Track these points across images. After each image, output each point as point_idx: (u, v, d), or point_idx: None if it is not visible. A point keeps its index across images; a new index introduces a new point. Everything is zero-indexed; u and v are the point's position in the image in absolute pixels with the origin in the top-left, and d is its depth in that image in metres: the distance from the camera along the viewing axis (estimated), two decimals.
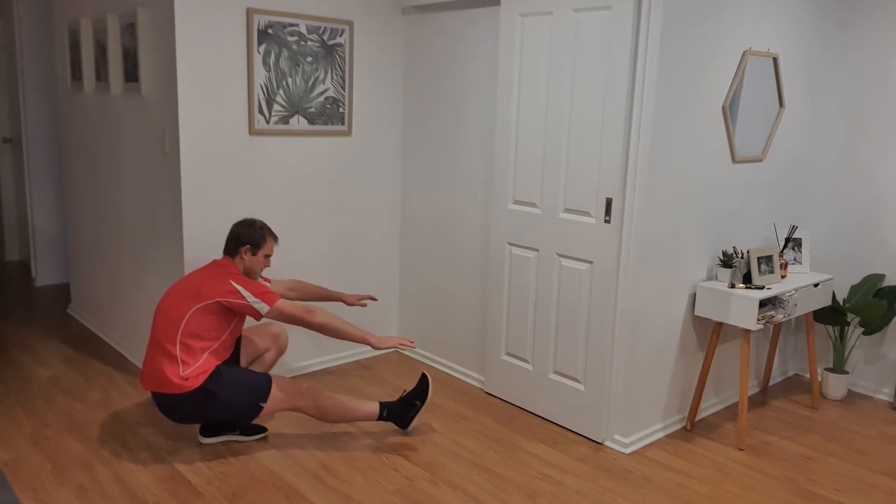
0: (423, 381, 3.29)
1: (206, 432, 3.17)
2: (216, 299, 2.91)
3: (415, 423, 3.28)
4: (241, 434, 3.21)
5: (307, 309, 2.98)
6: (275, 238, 3.13)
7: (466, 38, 3.80)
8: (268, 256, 3.11)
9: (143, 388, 3.02)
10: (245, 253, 3.05)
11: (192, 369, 2.89)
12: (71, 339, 4.46)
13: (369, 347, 4.31)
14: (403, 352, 4.42)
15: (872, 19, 3.84)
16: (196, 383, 2.89)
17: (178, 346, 2.89)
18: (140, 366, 4.01)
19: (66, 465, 2.95)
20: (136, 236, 3.92)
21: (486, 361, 3.84)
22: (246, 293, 2.92)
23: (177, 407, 2.94)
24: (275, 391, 3.00)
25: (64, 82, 4.62)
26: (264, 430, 3.26)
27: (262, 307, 2.94)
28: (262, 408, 2.99)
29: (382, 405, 3.22)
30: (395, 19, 4.08)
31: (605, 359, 3.23)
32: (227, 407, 2.95)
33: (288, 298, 3.36)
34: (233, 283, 2.93)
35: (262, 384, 3.00)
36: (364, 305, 3.56)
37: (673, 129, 3.09)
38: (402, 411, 3.25)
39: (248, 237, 3.05)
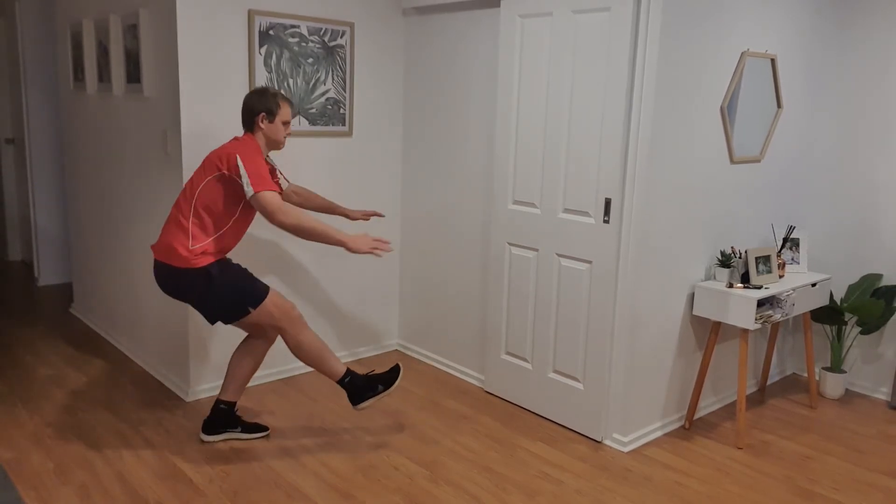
0: (395, 370, 3.20)
1: (207, 430, 3.19)
2: (223, 171, 2.85)
3: (368, 405, 3.13)
4: (242, 432, 3.22)
5: (283, 210, 2.82)
6: (290, 103, 3.03)
7: (466, 39, 3.81)
8: (286, 123, 3.01)
9: (154, 257, 2.98)
10: (262, 121, 2.96)
11: (200, 245, 2.87)
12: (73, 338, 4.47)
13: (369, 346, 4.36)
14: (403, 351, 4.44)
15: (871, 20, 3.85)
16: (201, 262, 2.87)
17: (191, 218, 2.88)
18: (143, 366, 4.03)
19: (68, 464, 2.96)
20: (139, 236, 3.94)
21: (485, 361, 3.85)
22: (243, 171, 2.81)
23: (174, 280, 2.92)
24: (268, 302, 2.96)
25: (66, 83, 4.63)
26: (266, 428, 3.28)
27: (249, 190, 2.81)
28: (249, 312, 2.94)
29: (349, 372, 3.13)
30: (395, 20, 4.10)
31: (605, 358, 3.25)
32: (219, 296, 2.92)
33: (291, 202, 3.30)
34: (238, 157, 2.83)
35: (260, 290, 2.97)
36: (367, 220, 3.44)
37: (672, 129, 3.11)
38: (361, 387, 3.12)
39: (262, 105, 2.95)
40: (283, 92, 3.00)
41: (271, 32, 3.57)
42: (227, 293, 2.93)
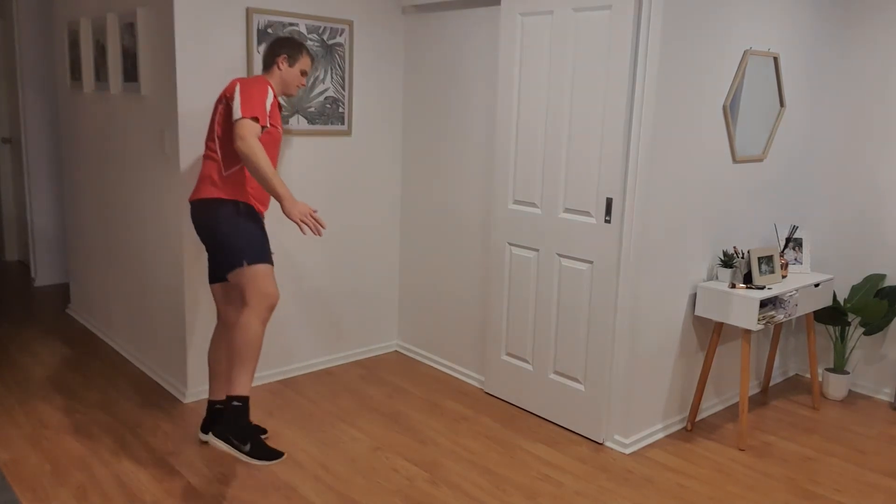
0: (276, 453, 2.67)
1: (206, 431, 3.16)
2: (227, 100, 2.84)
3: (219, 446, 2.58)
4: None
5: (249, 141, 2.68)
6: (311, 56, 3.07)
7: (466, 37, 3.79)
8: (304, 73, 3.05)
9: (190, 200, 2.95)
10: (282, 62, 2.98)
11: (230, 171, 2.86)
12: (70, 339, 4.45)
13: (368, 347, 4.34)
14: (403, 352, 4.42)
15: (873, 19, 3.83)
16: (233, 194, 2.86)
17: (217, 148, 2.87)
18: (141, 367, 4.00)
19: (66, 466, 2.94)
20: (136, 236, 3.92)
21: (486, 361, 3.83)
22: (237, 96, 2.76)
23: (207, 213, 2.88)
24: (260, 268, 2.81)
25: (63, 82, 4.61)
26: (264, 431, 3.25)
27: (237, 113, 2.73)
28: (242, 266, 2.80)
29: (245, 402, 2.69)
30: (394, 19, 4.08)
31: (606, 359, 3.22)
32: (233, 234, 2.85)
33: None
34: (238, 83, 2.81)
35: (263, 254, 2.87)
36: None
37: (673, 128, 3.08)
38: (237, 426, 2.64)
39: (287, 46, 2.99)
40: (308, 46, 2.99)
41: (270, 31, 3.55)
42: (240, 234, 2.87)
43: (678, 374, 3.46)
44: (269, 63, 3.02)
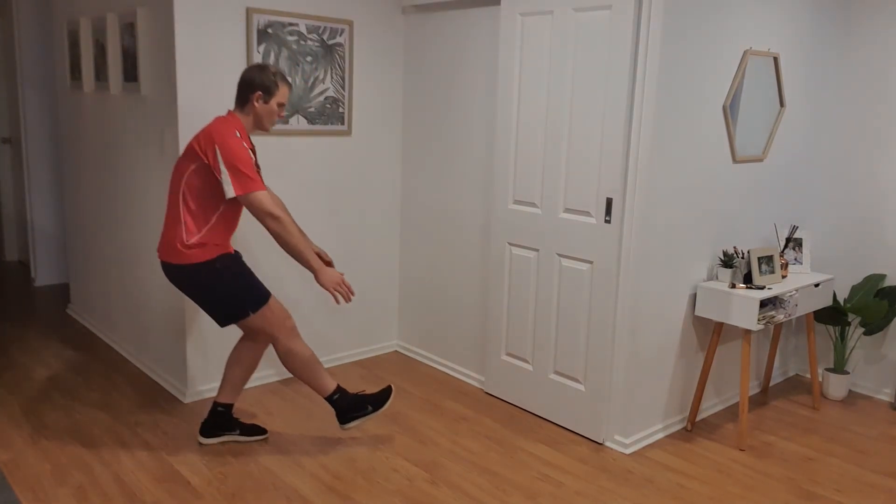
0: (386, 392, 3.15)
1: (205, 433, 3.16)
2: (203, 160, 2.73)
3: (355, 425, 3.10)
4: (241, 435, 3.20)
5: (273, 214, 2.73)
6: (288, 85, 2.91)
7: (466, 37, 3.79)
8: (281, 105, 2.90)
9: (158, 256, 2.93)
10: (257, 100, 2.84)
11: (195, 238, 2.80)
12: (70, 339, 4.45)
13: (368, 347, 4.34)
14: (403, 352, 4.41)
15: (873, 19, 3.83)
16: (202, 256, 2.81)
17: (181, 208, 2.80)
18: (141, 367, 4.00)
19: (66, 466, 2.94)
20: (136, 236, 3.91)
21: (486, 362, 3.83)
22: (224, 167, 2.68)
23: (180, 277, 2.87)
24: (266, 309, 2.91)
25: (63, 82, 4.61)
26: (264, 431, 3.25)
27: (229, 190, 2.70)
28: (247, 315, 2.89)
29: (339, 389, 3.08)
30: (394, 19, 4.08)
31: (606, 359, 3.22)
32: (223, 293, 2.87)
33: None
34: (217, 147, 2.69)
35: (262, 295, 2.92)
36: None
37: (673, 128, 3.08)
38: (350, 406, 3.08)
39: (261, 82, 2.82)
40: (283, 72, 2.94)
41: (269, 31, 3.55)
42: (232, 291, 2.88)
43: (678, 374, 3.46)
44: (243, 100, 2.86)
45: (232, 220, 2.91)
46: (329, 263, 3.11)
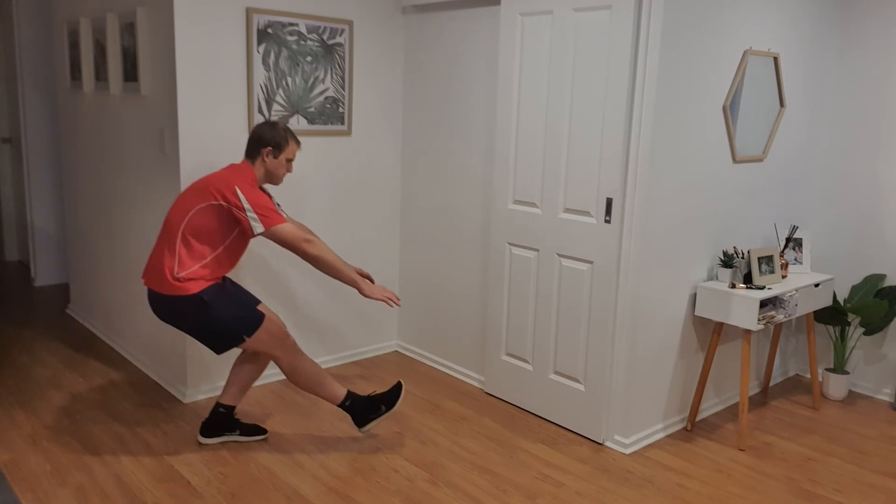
0: (396, 389, 3.19)
1: (205, 433, 3.16)
2: (219, 201, 2.81)
3: (373, 426, 3.15)
4: (241, 435, 3.20)
5: (305, 239, 2.84)
6: (297, 142, 3.01)
7: (466, 37, 3.79)
8: (290, 161, 3.00)
9: (144, 283, 2.95)
10: (267, 155, 2.94)
11: (186, 272, 2.82)
12: (70, 339, 4.45)
13: (368, 347, 4.34)
14: (403, 352, 4.41)
15: (873, 19, 3.83)
16: (191, 288, 2.82)
17: (178, 242, 2.83)
18: (141, 367, 4.00)
19: (66, 466, 2.94)
20: (136, 237, 3.91)
21: (486, 362, 3.83)
22: (247, 205, 2.79)
23: (166, 307, 2.88)
24: (262, 330, 2.93)
25: (63, 82, 4.61)
26: (264, 431, 3.25)
27: (257, 226, 2.80)
28: (244, 340, 2.92)
29: (350, 394, 3.13)
30: (394, 19, 4.08)
31: (606, 359, 3.22)
32: (214, 324, 2.88)
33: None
34: (237, 189, 2.80)
35: (255, 318, 2.93)
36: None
37: (673, 128, 3.08)
38: (364, 409, 3.14)
39: (271, 138, 2.93)
40: (292, 129, 3.03)
41: (269, 31, 3.55)
42: (223, 320, 2.88)
43: (678, 374, 3.46)
44: (253, 153, 2.96)
45: (226, 259, 2.94)
46: (368, 277, 3.21)
